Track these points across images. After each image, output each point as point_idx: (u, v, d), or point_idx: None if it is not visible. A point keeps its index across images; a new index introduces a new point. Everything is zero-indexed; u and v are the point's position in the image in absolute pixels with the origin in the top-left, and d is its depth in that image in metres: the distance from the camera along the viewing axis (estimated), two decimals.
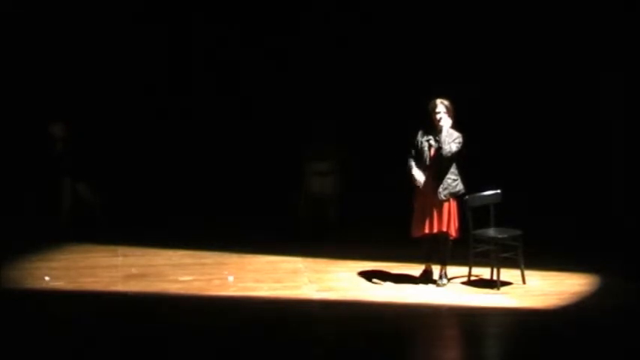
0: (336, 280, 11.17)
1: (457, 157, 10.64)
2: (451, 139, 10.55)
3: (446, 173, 10.61)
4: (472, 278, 10.96)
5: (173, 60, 14.86)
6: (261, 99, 14.83)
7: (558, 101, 13.88)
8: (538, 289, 10.80)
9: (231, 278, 11.28)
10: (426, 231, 10.72)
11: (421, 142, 10.65)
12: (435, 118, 10.62)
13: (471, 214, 10.75)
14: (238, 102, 14.89)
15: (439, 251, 10.87)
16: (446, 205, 10.64)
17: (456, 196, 10.70)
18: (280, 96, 14.75)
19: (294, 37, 14.78)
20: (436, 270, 10.97)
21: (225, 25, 14.82)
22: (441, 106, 10.63)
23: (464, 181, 10.76)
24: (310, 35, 14.77)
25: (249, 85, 14.85)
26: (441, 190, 10.60)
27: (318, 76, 14.63)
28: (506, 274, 10.90)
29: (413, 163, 10.66)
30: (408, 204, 10.87)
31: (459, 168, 10.70)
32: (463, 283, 10.96)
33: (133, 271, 11.60)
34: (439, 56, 14.13)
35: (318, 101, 14.47)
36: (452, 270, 11.03)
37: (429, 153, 10.63)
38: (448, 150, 10.53)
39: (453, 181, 10.66)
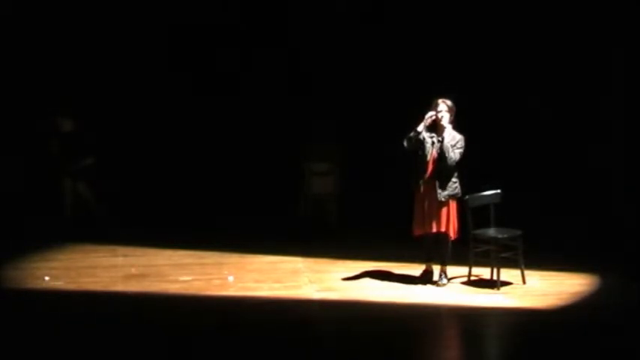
0: (336, 280, 11.16)
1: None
2: (454, 142, 10.56)
3: (447, 176, 10.62)
4: (472, 278, 10.96)
5: (173, 60, 14.86)
6: (262, 99, 14.84)
7: (558, 101, 13.89)
8: (538, 289, 10.81)
9: (231, 278, 11.28)
10: (426, 230, 10.73)
11: (424, 138, 10.64)
12: (438, 118, 10.64)
13: (471, 214, 10.75)
14: (239, 102, 14.89)
15: (439, 251, 10.88)
16: (445, 206, 10.65)
17: (454, 197, 10.71)
18: (280, 96, 14.76)
19: (294, 36, 14.79)
20: (436, 270, 10.97)
21: (225, 25, 14.84)
22: (443, 105, 10.66)
23: (464, 181, 10.77)
24: (310, 35, 14.79)
25: (249, 85, 14.86)
26: (440, 191, 10.61)
27: (317, 76, 14.63)
28: (506, 274, 10.90)
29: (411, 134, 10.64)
30: (408, 204, 10.88)
31: (458, 169, 10.71)
32: (463, 283, 10.96)
33: (133, 271, 11.60)
34: (440, 56, 14.14)
35: (318, 101, 14.48)
36: (452, 270, 11.03)
37: (431, 149, 10.64)
38: (454, 160, 10.56)
39: (452, 183, 10.68)
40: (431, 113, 10.62)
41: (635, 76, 13.02)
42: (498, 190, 10.98)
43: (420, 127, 10.60)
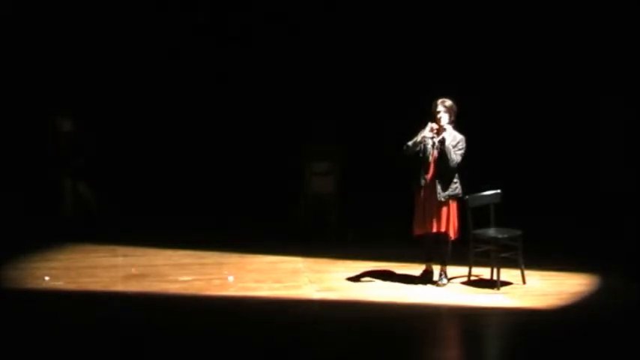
0: (336, 280, 11.17)
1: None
2: (455, 143, 10.57)
3: (449, 177, 10.63)
4: (472, 278, 10.96)
5: (173, 59, 14.86)
6: (262, 99, 14.84)
7: (558, 101, 13.89)
8: (538, 289, 10.81)
9: (231, 278, 11.28)
10: (426, 230, 10.73)
11: (425, 140, 10.65)
12: (437, 119, 10.66)
13: (471, 214, 10.75)
14: (239, 102, 14.89)
15: (439, 251, 10.89)
16: (445, 206, 10.66)
17: (455, 198, 10.72)
18: (280, 96, 14.76)
19: (293, 36, 14.79)
20: (436, 270, 10.98)
21: (224, 24, 14.84)
22: (441, 106, 10.67)
23: (464, 181, 10.77)
24: (310, 35, 14.78)
25: (249, 84, 14.86)
26: (440, 191, 10.62)
27: (317, 76, 14.63)
28: (506, 274, 10.90)
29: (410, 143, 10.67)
30: (409, 204, 10.88)
31: (459, 169, 10.71)
32: (463, 283, 10.97)
33: (133, 271, 11.60)
34: (440, 56, 14.14)
35: (318, 101, 14.48)
36: (452, 270, 11.04)
37: (432, 151, 10.65)
38: (455, 162, 10.58)
39: (453, 183, 10.68)
40: (432, 125, 10.62)
41: (635, 76, 13.01)
42: (498, 190, 10.98)
43: (419, 138, 10.62)
